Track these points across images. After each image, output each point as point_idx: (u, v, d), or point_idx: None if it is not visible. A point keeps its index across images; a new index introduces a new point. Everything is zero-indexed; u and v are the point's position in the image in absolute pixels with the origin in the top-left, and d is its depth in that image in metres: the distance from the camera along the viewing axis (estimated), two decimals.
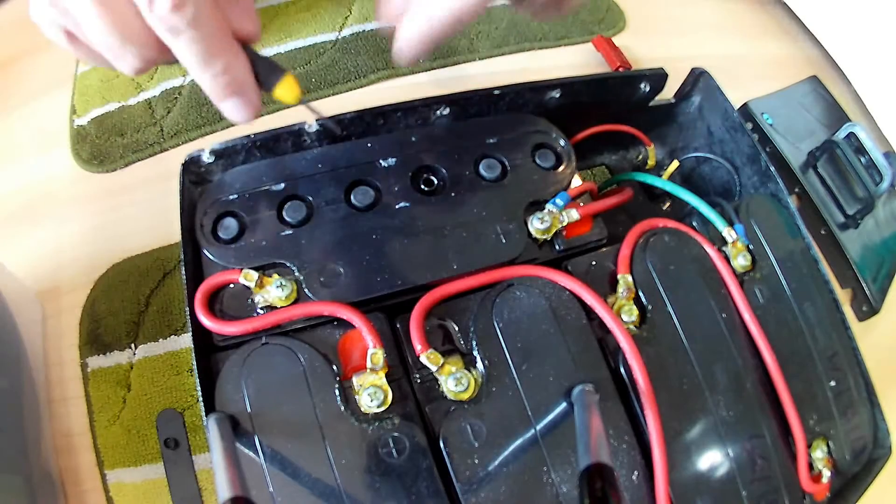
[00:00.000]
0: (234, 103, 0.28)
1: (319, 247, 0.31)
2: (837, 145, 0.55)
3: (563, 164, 0.36)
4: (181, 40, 0.25)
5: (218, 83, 0.27)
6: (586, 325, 0.31)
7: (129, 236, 0.47)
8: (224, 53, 0.27)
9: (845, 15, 0.64)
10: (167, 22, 0.25)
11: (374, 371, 0.28)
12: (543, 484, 0.28)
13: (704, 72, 0.43)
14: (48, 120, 0.53)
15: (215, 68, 0.27)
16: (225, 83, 0.27)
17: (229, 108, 0.28)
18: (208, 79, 0.27)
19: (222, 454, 0.23)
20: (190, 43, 0.26)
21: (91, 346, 0.44)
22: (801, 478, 0.32)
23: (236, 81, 0.28)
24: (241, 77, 0.28)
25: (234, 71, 0.27)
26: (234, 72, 0.27)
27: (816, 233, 0.55)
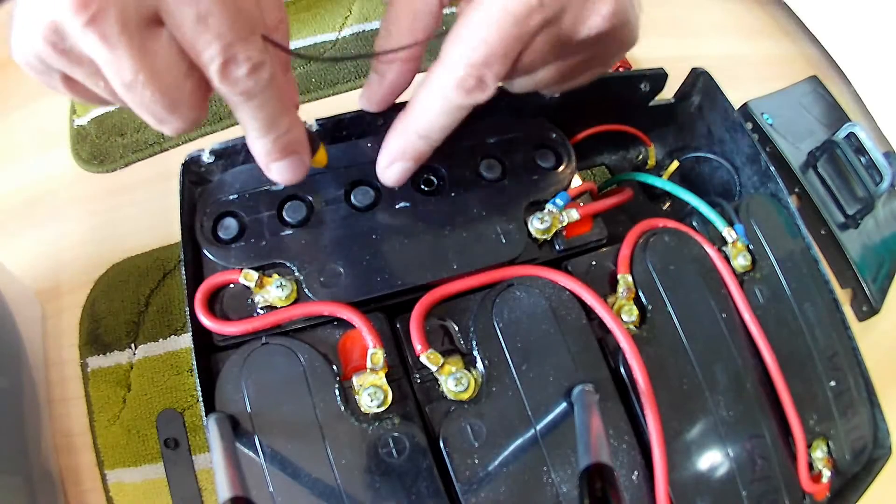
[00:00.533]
0: (287, 163, 0.27)
1: (319, 247, 0.31)
2: (837, 145, 0.55)
3: (563, 164, 0.36)
4: (251, 104, 0.23)
5: (277, 145, 0.26)
6: (586, 325, 0.31)
7: (129, 236, 0.47)
8: (289, 113, 0.26)
9: (845, 15, 0.64)
10: (241, 87, 0.22)
11: (374, 371, 0.28)
12: (543, 484, 0.28)
13: (704, 72, 0.43)
14: (48, 120, 0.53)
15: (280, 130, 0.25)
16: (284, 144, 0.26)
17: (281, 168, 0.27)
18: (269, 141, 0.25)
19: (222, 454, 0.23)
20: (261, 106, 0.24)
21: (91, 346, 0.44)
22: (801, 478, 0.32)
23: (296, 142, 0.26)
24: (300, 137, 0.27)
25: (297, 130, 0.26)
26: (295, 132, 0.26)
27: (816, 233, 0.55)
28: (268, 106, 0.24)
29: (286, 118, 0.25)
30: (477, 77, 0.26)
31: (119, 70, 0.21)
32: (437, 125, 0.28)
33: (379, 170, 0.30)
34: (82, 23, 0.19)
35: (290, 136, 0.26)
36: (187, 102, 0.23)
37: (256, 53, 0.22)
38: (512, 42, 0.26)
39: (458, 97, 0.27)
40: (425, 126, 0.28)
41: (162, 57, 0.21)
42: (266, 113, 0.24)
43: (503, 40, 0.26)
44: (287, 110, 0.25)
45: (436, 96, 0.27)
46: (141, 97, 0.22)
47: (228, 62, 0.21)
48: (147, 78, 0.21)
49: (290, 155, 0.27)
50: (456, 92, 0.26)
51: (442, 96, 0.27)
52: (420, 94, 0.28)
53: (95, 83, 0.22)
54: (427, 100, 0.28)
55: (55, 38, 0.20)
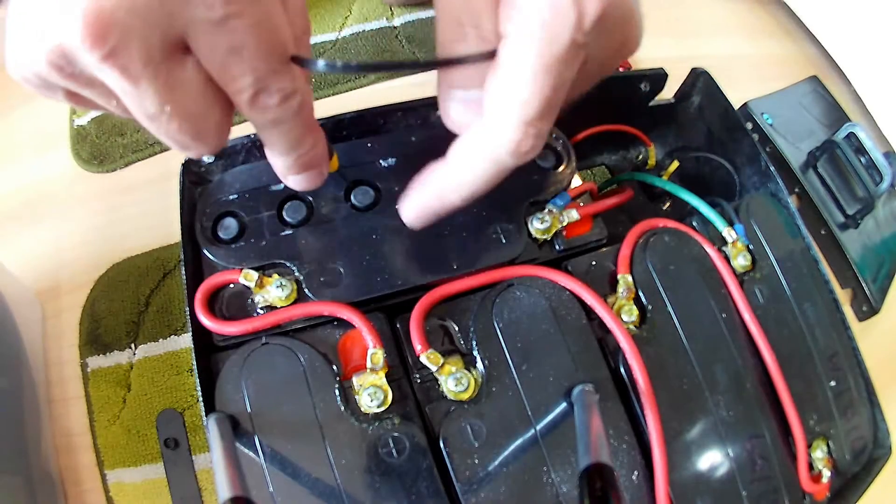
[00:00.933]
0: (308, 176, 0.27)
1: (319, 247, 0.31)
2: (837, 145, 0.55)
3: (563, 164, 0.36)
4: (279, 129, 0.23)
5: (299, 162, 0.25)
6: (586, 325, 0.31)
7: (129, 236, 0.47)
8: (314, 132, 0.25)
9: (845, 15, 0.64)
10: (271, 115, 0.22)
11: (374, 371, 0.28)
12: (543, 484, 0.28)
13: (704, 72, 0.43)
14: (48, 120, 0.53)
15: (304, 149, 0.25)
16: (306, 161, 0.26)
17: (300, 180, 0.27)
18: (292, 159, 0.25)
19: (222, 454, 0.23)
20: (288, 131, 0.23)
21: (91, 346, 0.44)
22: (801, 478, 0.32)
23: (318, 157, 0.26)
24: (322, 153, 0.26)
25: (319, 147, 0.26)
26: (318, 149, 0.26)
27: (816, 233, 0.55)
28: (295, 130, 0.23)
29: (310, 137, 0.25)
30: (535, 136, 0.24)
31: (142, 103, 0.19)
32: (483, 188, 0.26)
33: (403, 214, 0.29)
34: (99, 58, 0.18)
35: (313, 153, 0.25)
36: (214, 131, 0.22)
37: (289, 84, 0.21)
38: (563, 86, 0.23)
39: (514, 160, 0.24)
40: (469, 190, 0.26)
41: (188, 87, 0.20)
42: (292, 136, 0.24)
43: (555, 88, 0.23)
44: (312, 129, 0.25)
45: (486, 160, 0.25)
46: (167, 128, 0.21)
47: (259, 92, 0.20)
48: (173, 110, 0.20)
49: (311, 168, 0.26)
50: (512, 156, 0.24)
51: (493, 160, 0.25)
52: (463, 156, 0.25)
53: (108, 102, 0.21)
54: (474, 163, 0.25)
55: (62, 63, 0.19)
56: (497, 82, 0.23)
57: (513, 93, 0.23)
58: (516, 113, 0.23)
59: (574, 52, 0.23)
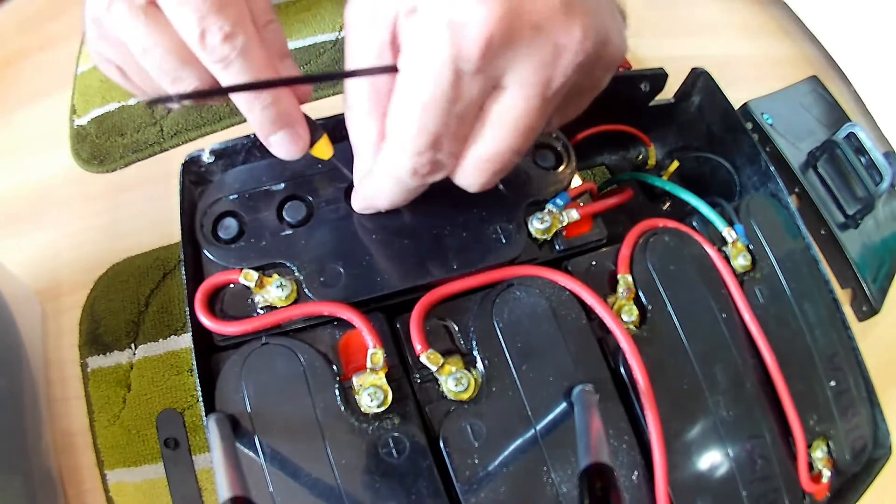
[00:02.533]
0: (282, 136, 0.28)
1: (319, 247, 0.31)
2: (837, 145, 0.55)
3: (563, 164, 0.36)
4: (231, 72, 0.26)
5: (267, 116, 0.27)
6: (586, 325, 0.31)
7: (129, 236, 0.47)
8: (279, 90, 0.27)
9: (845, 15, 0.64)
10: (218, 53, 0.26)
11: (374, 371, 0.28)
12: (543, 484, 0.28)
13: (704, 72, 0.43)
14: (48, 120, 0.53)
15: (265, 99, 0.27)
16: (274, 115, 0.27)
17: (278, 142, 0.28)
18: (257, 111, 0.27)
19: (222, 454, 0.23)
20: (240, 73, 0.26)
21: (91, 346, 0.44)
22: (801, 478, 0.32)
23: (286, 114, 0.27)
24: (289, 110, 0.28)
25: (283, 103, 0.27)
26: (282, 104, 0.27)
27: (816, 233, 0.55)
28: (248, 72, 0.26)
29: (272, 92, 0.27)
30: (430, 162, 0.25)
31: (135, 40, 0.27)
32: (403, 200, 0.28)
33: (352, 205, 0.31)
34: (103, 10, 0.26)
35: (279, 107, 0.27)
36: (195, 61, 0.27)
37: (229, 24, 0.25)
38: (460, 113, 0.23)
39: (415, 182, 0.26)
40: (390, 202, 0.29)
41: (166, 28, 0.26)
42: (248, 78, 0.27)
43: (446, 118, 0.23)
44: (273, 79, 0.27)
45: (392, 179, 0.27)
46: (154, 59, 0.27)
47: (204, 32, 0.25)
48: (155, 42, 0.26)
49: (283, 128, 0.28)
50: (412, 179, 0.26)
51: (398, 180, 0.27)
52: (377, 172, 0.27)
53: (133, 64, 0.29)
54: (385, 181, 0.27)
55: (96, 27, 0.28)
56: (390, 113, 0.25)
57: (402, 125, 0.24)
58: (408, 144, 0.24)
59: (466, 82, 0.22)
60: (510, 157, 0.25)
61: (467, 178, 0.27)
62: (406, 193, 0.28)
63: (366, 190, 0.29)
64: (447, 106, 0.23)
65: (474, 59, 0.21)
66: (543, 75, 0.23)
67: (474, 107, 0.24)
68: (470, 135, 0.25)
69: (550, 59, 0.23)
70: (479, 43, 0.21)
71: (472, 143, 0.25)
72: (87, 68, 0.55)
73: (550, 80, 0.23)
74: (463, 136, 0.25)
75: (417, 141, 0.24)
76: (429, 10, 0.22)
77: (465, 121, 0.24)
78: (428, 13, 0.22)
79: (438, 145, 0.24)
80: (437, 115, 0.23)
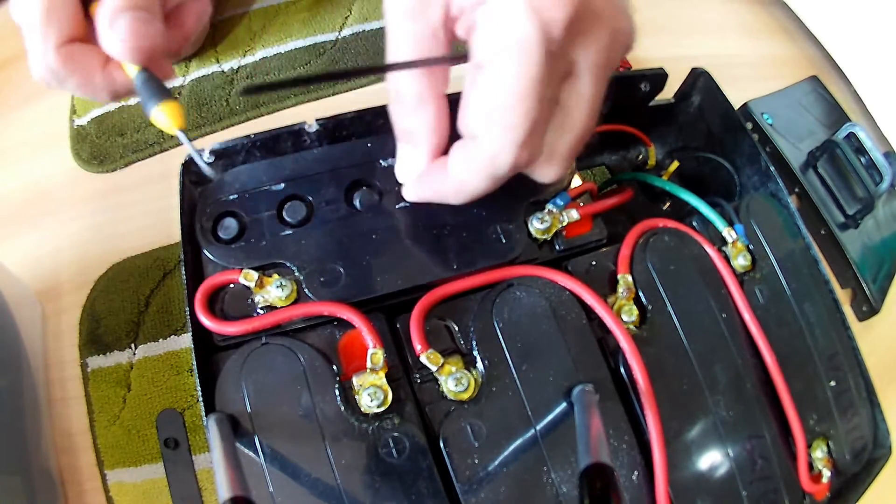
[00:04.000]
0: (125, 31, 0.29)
1: (319, 247, 0.31)
2: (837, 145, 0.55)
3: None
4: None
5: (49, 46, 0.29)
6: (586, 325, 0.31)
7: (129, 236, 0.47)
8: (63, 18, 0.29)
9: (845, 15, 0.64)
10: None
11: (374, 371, 0.28)
12: (543, 484, 0.28)
13: (704, 72, 0.43)
14: (48, 120, 0.53)
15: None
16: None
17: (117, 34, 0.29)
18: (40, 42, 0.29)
19: (222, 454, 0.23)
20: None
21: (91, 346, 0.44)
22: (801, 478, 0.32)
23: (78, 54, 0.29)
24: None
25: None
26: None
27: (816, 233, 0.55)
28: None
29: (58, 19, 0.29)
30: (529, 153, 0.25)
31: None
32: (481, 195, 0.28)
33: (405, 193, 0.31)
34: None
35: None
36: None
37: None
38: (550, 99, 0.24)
39: (512, 172, 0.26)
40: (468, 197, 0.28)
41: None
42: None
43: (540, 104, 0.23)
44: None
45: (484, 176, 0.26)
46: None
47: None
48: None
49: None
50: (511, 171, 0.25)
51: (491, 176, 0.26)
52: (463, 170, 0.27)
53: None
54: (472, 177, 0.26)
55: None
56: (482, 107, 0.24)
57: (499, 117, 0.24)
58: (509, 135, 0.24)
59: (552, 65, 0.23)
60: (583, 143, 0.26)
61: (549, 169, 0.27)
62: (492, 187, 0.27)
63: (434, 186, 0.28)
64: (541, 90, 0.23)
65: (560, 39, 0.22)
66: (606, 58, 0.25)
67: (556, 92, 0.25)
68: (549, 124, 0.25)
69: (610, 43, 0.24)
70: (561, 24, 0.22)
71: (556, 132, 0.26)
72: None
73: (611, 64, 0.25)
74: (548, 124, 0.25)
75: (519, 131, 0.24)
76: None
77: (551, 106, 0.25)
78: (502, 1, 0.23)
79: (538, 132, 0.24)
80: (534, 101, 0.23)
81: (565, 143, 0.26)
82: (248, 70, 0.54)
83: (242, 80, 0.54)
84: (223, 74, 0.54)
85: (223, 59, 0.55)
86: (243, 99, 0.53)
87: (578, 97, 0.25)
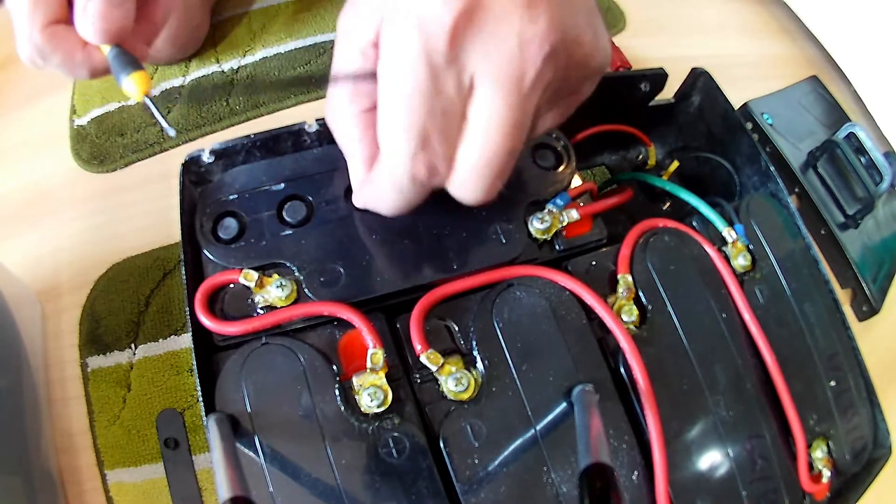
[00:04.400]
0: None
1: (319, 247, 0.31)
2: (837, 145, 0.55)
3: (563, 164, 0.36)
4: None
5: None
6: (586, 325, 0.31)
7: (129, 236, 0.47)
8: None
9: (845, 15, 0.64)
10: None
11: (374, 371, 0.28)
12: (543, 484, 0.28)
13: (704, 72, 0.43)
14: (48, 120, 0.53)
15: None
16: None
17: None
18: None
19: (222, 454, 0.23)
20: None
21: (91, 346, 0.44)
22: (801, 478, 0.32)
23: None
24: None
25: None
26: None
27: (816, 233, 0.55)
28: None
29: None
30: (426, 166, 0.25)
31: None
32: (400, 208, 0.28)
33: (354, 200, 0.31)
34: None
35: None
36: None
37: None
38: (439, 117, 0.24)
39: (414, 187, 0.26)
40: (387, 209, 0.28)
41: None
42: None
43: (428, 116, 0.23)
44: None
45: (391, 188, 0.27)
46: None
47: None
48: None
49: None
50: (411, 184, 0.26)
51: (397, 188, 0.26)
52: (377, 181, 0.27)
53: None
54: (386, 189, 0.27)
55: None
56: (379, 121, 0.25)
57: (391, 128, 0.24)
58: (401, 146, 0.24)
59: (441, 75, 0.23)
60: (500, 161, 0.25)
61: (465, 188, 0.26)
62: (407, 201, 0.28)
63: (367, 196, 0.29)
64: (428, 100, 0.23)
65: (443, 49, 0.22)
66: (514, 69, 0.23)
67: (455, 105, 0.24)
68: (458, 140, 0.25)
69: (517, 52, 0.23)
70: (445, 33, 0.22)
71: (462, 148, 0.25)
72: None
73: (523, 74, 0.23)
74: (452, 139, 0.25)
75: (408, 141, 0.24)
76: (399, 10, 0.23)
77: (449, 119, 0.24)
78: (399, 13, 0.23)
79: (428, 143, 0.24)
80: (419, 110, 0.23)
81: (473, 159, 0.25)
82: (249, 70, 0.54)
83: (242, 80, 0.54)
84: (223, 74, 0.54)
85: (223, 59, 0.55)
86: (243, 99, 0.53)
87: (482, 110, 0.24)
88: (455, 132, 0.25)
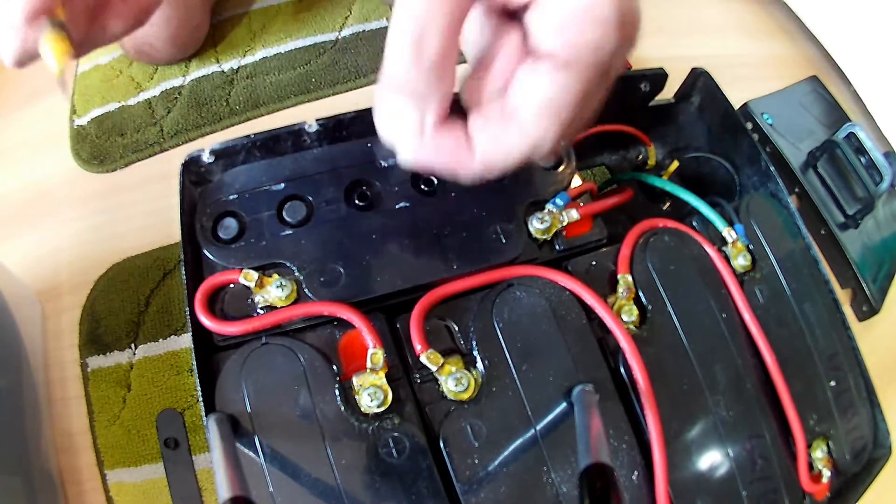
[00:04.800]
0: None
1: (319, 247, 0.31)
2: (837, 145, 0.55)
3: (563, 164, 0.36)
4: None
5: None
6: (586, 325, 0.31)
7: (129, 236, 0.47)
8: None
9: (845, 15, 0.64)
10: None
11: (374, 371, 0.28)
12: (543, 484, 0.28)
13: (704, 72, 0.43)
14: (48, 120, 0.53)
15: None
16: None
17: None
18: None
19: (222, 454, 0.23)
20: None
21: (91, 346, 0.44)
22: (801, 478, 0.32)
23: None
24: None
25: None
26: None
27: (816, 233, 0.55)
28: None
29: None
30: (566, 141, 0.25)
31: None
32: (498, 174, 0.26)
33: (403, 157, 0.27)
34: None
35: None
36: None
37: None
38: (587, 100, 0.24)
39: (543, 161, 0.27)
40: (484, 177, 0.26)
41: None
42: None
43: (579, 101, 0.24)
44: None
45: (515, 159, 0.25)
46: None
47: None
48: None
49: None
50: (543, 160, 0.27)
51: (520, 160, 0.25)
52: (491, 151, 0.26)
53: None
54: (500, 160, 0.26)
55: None
56: (539, 95, 0.24)
57: (555, 113, 0.24)
58: (556, 129, 0.24)
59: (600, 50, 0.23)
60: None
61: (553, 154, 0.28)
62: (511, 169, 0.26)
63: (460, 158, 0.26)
64: (596, 91, 0.24)
65: (615, 42, 0.23)
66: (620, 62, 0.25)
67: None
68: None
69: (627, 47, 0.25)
70: (615, 28, 0.23)
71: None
72: (87, 68, 0.55)
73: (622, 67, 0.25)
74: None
75: (566, 125, 0.24)
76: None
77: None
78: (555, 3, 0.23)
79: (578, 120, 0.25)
80: (587, 100, 0.24)
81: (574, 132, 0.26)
82: (249, 70, 0.54)
83: (242, 80, 0.54)
84: (223, 74, 0.54)
85: (223, 59, 0.55)
86: (243, 99, 0.53)
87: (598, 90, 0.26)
88: None
